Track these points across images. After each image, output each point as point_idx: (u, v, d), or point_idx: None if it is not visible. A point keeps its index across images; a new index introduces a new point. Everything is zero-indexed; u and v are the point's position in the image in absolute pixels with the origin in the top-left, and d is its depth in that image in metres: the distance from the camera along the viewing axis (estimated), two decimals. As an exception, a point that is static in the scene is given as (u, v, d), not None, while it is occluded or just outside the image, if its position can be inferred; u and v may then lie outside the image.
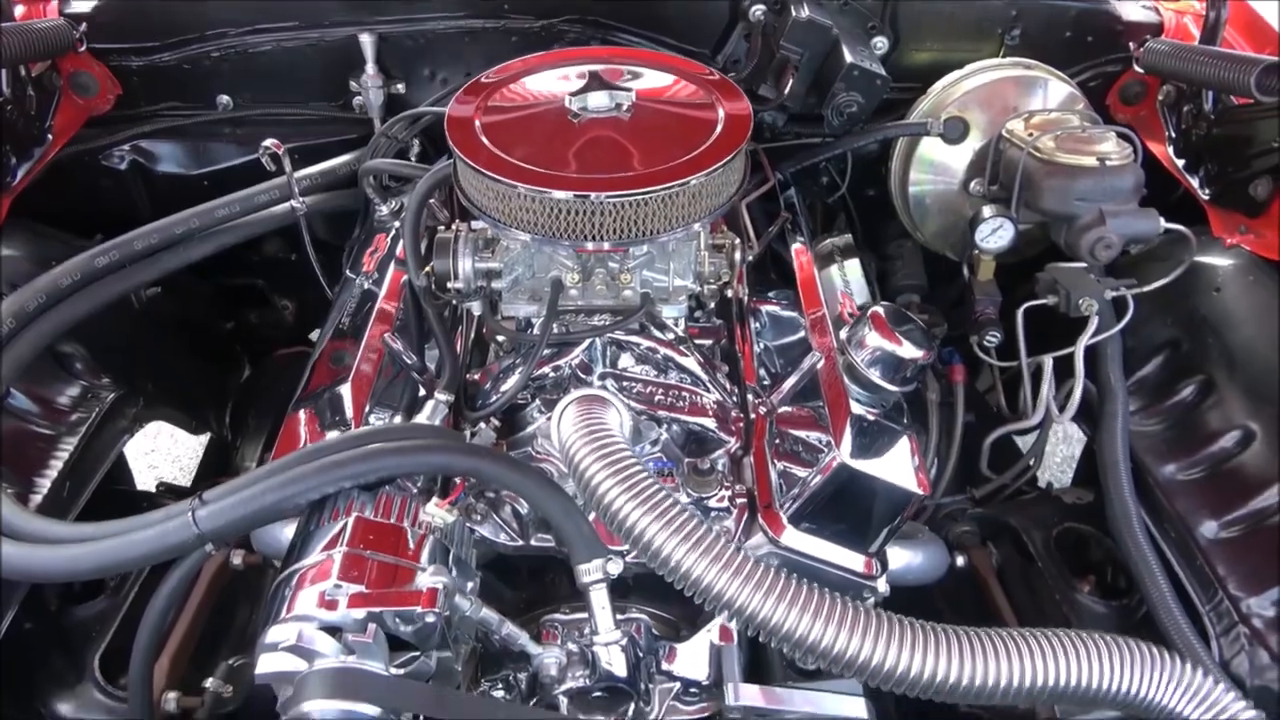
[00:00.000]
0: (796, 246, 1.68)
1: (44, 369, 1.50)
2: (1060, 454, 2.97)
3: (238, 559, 1.55)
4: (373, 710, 0.99)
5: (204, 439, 2.16)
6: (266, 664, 1.02)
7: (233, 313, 2.21)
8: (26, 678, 1.35)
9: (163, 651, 1.40)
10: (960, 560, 1.60)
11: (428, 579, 1.05)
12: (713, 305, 1.55)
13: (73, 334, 1.53)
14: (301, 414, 1.36)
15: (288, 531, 1.24)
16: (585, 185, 1.20)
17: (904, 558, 1.42)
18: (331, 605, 1.02)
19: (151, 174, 1.87)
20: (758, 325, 1.60)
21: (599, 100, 1.31)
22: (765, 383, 1.48)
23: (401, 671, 1.05)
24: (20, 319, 1.40)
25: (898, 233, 1.97)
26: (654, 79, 1.43)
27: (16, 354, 1.39)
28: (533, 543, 1.29)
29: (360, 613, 1.02)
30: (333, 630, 1.03)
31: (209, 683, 1.40)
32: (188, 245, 1.64)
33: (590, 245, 1.25)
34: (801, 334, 1.56)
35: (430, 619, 1.03)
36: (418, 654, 1.06)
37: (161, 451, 2.84)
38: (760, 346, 1.57)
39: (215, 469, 2.09)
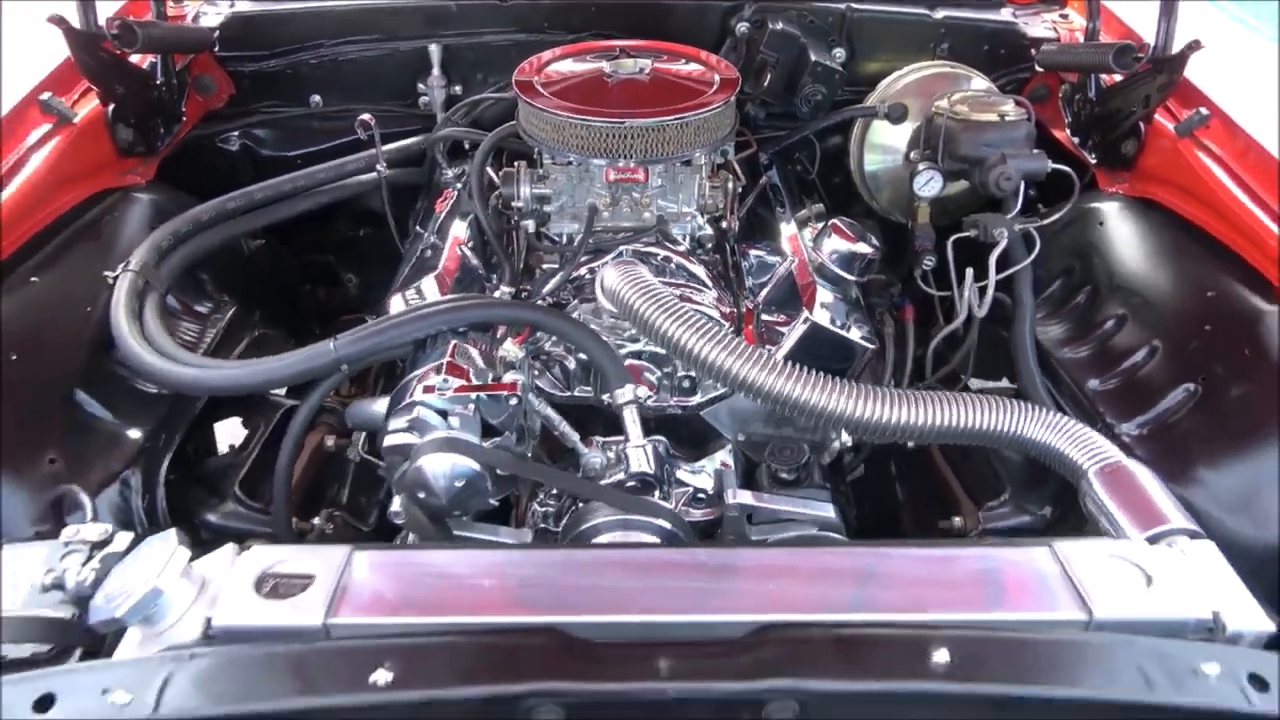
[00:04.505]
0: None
1: (185, 284, 1.90)
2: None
3: (330, 441, 1.93)
4: (474, 465, 1.38)
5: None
6: (391, 439, 1.40)
7: (307, 282, 2.62)
8: (179, 500, 1.69)
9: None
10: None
11: (510, 375, 1.44)
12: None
13: (203, 264, 1.95)
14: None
15: (377, 406, 1.61)
16: (619, 115, 1.65)
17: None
18: (440, 394, 1.41)
19: (257, 154, 2.32)
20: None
21: (626, 66, 1.78)
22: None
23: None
24: (177, 238, 1.82)
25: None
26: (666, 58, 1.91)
27: (172, 264, 1.81)
28: (575, 392, 1.68)
29: (462, 397, 1.40)
30: (441, 413, 1.42)
31: (315, 520, 1.77)
32: (291, 201, 2.08)
33: (620, 163, 1.69)
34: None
35: (514, 402, 1.42)
36: (501, 435, 1.44)
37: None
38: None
39: None
